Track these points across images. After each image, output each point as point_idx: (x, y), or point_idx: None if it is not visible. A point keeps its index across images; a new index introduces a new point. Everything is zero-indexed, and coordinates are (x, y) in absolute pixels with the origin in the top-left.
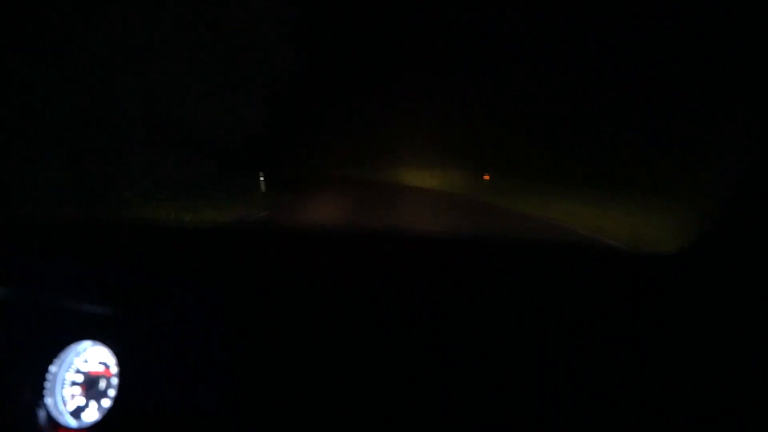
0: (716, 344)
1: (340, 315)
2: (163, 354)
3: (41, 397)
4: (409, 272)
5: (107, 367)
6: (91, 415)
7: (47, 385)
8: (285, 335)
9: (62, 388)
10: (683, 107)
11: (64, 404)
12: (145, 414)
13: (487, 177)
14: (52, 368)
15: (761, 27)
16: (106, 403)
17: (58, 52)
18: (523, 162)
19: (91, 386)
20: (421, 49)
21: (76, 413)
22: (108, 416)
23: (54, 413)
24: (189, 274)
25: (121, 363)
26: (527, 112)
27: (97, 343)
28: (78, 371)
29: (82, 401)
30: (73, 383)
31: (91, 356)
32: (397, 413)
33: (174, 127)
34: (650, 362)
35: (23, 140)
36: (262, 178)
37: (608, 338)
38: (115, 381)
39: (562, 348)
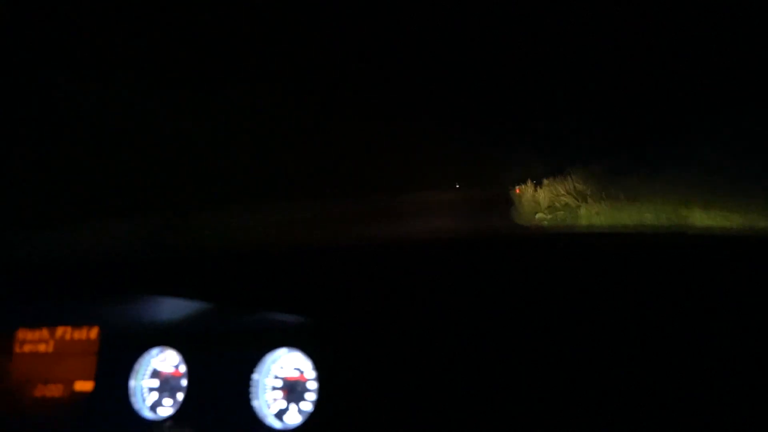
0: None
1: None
2: (360, 362)
3: (248, 401)
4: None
5: (302, 372)
6: (293, 417)
7: (251, 390)
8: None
9: (264, 393)
10: None
11: (268, 407)
12: (344, 418)
13: None
14: (254, 375)
15: None
16: (305, 406)
17: None
18: None
19: (290, 391)
20: None
21: (279, 416)
22: (310, 419)
23: (260, 416)
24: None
25: (319, 368)
26: None
27: (293, 350)
28: (276, 377)
29: (283, 404)
30: (274, 388)
31: (287, 363)
32: None
33: None
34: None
35: None
36: None
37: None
38: (311, 385)
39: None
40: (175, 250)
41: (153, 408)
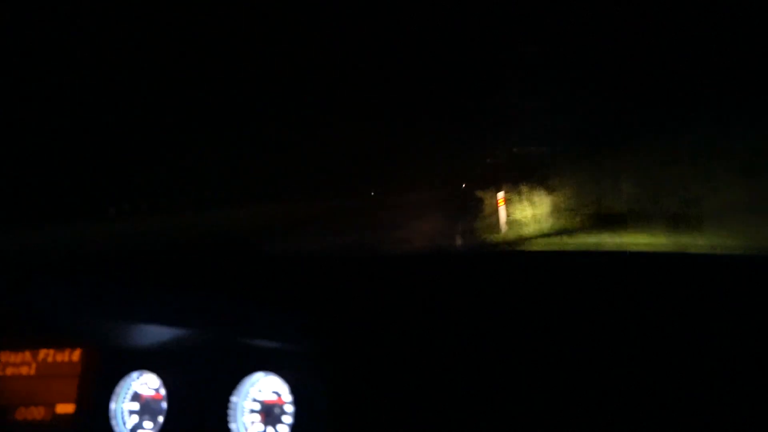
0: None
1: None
2: (337, 385)
3: (226, 423)
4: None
5: (279, 395)
6: None
7: (230, 413)
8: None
9: (242, 415)
10: None
11: (246, 430)
12: None
13: None
14: (233, 398)
15: None
16: (282, 428)
17: None
18: None
19: (267, 414)
20: None
21: None
22: None
23: None
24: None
25: (295, 392)
26: None
27: (270, 373)
28: (254, 400)
29: (261, 428)
30: (252, 411)
31: (264, 386)
32: None
33: None
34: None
35: None
36: None
37: None
38: (288, 409)
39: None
40: (158, 276)
41: (133, 431)
